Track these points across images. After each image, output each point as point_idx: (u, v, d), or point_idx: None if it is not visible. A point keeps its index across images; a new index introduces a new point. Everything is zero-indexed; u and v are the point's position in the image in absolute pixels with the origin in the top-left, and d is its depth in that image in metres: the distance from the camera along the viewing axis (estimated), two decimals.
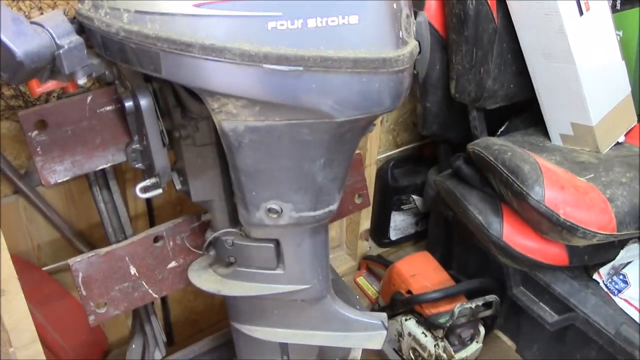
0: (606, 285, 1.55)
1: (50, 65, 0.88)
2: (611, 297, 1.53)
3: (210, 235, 1.14)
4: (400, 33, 0.86)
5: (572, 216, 1.36)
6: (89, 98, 1.08)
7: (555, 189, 1.38)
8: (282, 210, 1.01)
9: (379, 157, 1.96)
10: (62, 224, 1.42)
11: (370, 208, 1.95)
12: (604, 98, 1.54)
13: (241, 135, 0.91)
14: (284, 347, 1.24)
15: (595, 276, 1.58)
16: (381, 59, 0.84)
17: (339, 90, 0.85)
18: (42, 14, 1.16)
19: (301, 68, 0.81)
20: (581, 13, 1.44)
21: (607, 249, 1.55)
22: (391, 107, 0.90)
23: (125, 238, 1.21)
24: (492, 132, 1.74)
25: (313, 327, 1.20)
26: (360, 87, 0.85)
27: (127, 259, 1.18)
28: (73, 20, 0.91)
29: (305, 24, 0.80)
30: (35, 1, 1.16)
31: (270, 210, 1.01)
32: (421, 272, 1.75)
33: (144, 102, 1.00)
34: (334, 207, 1.04)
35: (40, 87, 1.09)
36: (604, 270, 1.57)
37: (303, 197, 1.00)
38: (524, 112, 1.77)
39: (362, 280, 2.06)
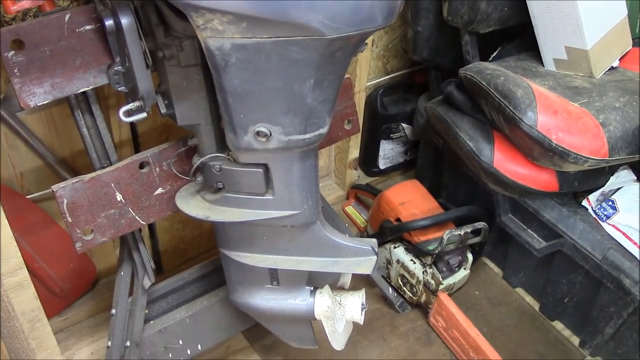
0: (595, 212, 1.56)
1: None
2: (599, 223, 1.54)
3: (197, 161, 1.12)
4: None
5: (564, 141, 1.34)
6: (67, 17, 1.03)
7: (548, 113, 1.35)
8: (271, 134, 0.98)
9: (368, 84, 1.92)
10: (45, 151, 1.39)
11: (359, 136, 1.93)
12: (600, 21, 1.50)
13: (227, 54, 0.88)
14: (273, 273, 1.24)
15: (584, 202, 1.58)
16: None
17: (329, 4, 0.81)
18: None
19: None
20: None
21: (597, 176, 1.54)
22: (384, 23, 0.86)
23: (110, 164, 1.18)
24: (484, 58, 1.70)
25: (303, 253, 1.19)
26: (352, 2, 0.82)
27: (112, 185, 1.15)
28: None
29: None
30: None
31: (258, 133, 0.98)
32: (410, 200, 1.75)
33: (125, 20, 0.96)
34: (324, 130, 1.02)
35: (15, 5, 1.05)
36: (593, 196, 1.57)
37: (292, 119, 0.97)
38: (516, 37, 1.73)
39: (350, 209, 2.06)
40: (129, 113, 1.05)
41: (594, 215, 1.55)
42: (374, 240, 1.22)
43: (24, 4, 1.05)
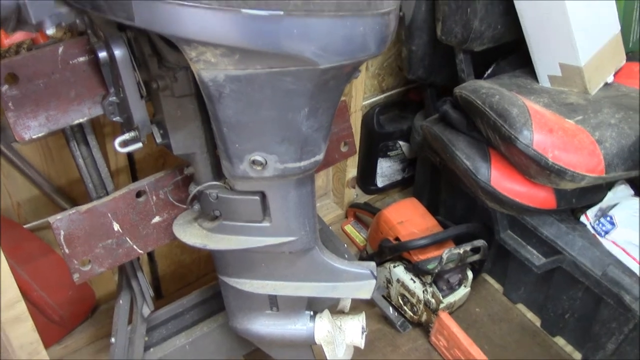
0: (593, 227, 1.55)
1: (15, 14, 0.83)
2: (598, 239, 1.53)
3: (193, 189, 1.12)
4: None
5: (560, 159, 1.34)
6: (60, 49, 1.03)
7: (544, 132, 1.35)
8: (266, 162, 0.98)
9: (364, 103, 1.92)
10: (41, 181, 1.38)
11: (356, 155, 1.93)
12: (593, 37, 1.51)
13: (221, 85, 0.88)
14: (272, 299, 1.23)
15: (583, 218, 1.58)
16: (365, 1, 0.80)
17: (322, 35, 0.81)
18: None
19: (281, 12, 0.77)
20: None
21: (595, 191, 1.54)
22: (377, 52, 0.87)
23: (107, 194, 1.18)
24: (479, 75, 1.70)
25: (302, 278, 1.19)
26: (344, 31, 0.82)
27: (109, 215, 1.15)
28: None
29: None
30: None
31: (254, 162, 0.98)
32: (409, 218, 1.75)
33: (119, 52, 0.96)
34: (319, 157, 1.02)
35: (8, 38, 1.04)
36: (591, 212, 1.57)
37: (288, 148, 0.97)
38: (511, 54, 1.73)
39: (349, 228, 2.05)
40: (124, 144, 1.05)
41: (592, 231, 1.55)
42: (373, 264, 1.21)
43: (17, 37, 1.04)
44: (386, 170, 2.10)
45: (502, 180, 1.49)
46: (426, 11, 1.59)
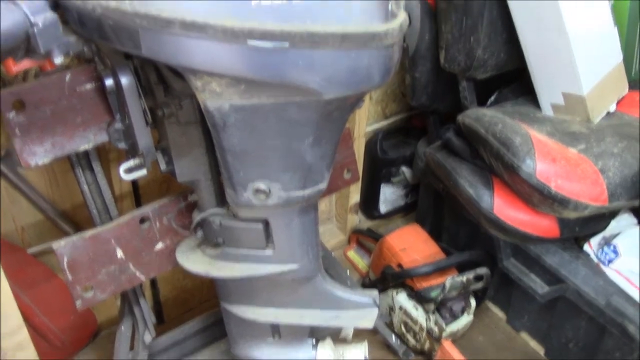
0: (597, 256, 1.55)
1: (24, 43, 0.84)
2: (602, 268, 1.53)
3: (197, 216, 1.12)
4: (390, 5, 0.83)
5: (563, 188, 1.34)
6: (68, 76, 1.04)
7: (547, 161, 1.36)
8: (270, 190, 0.98)
9: (367, 129, 1.93)
10: (46, 205, 1.39)
11: (359, 181, 1.93)
12: (596, 66, 1.52)
13: (226, 114, 0.88)
14: (274, 327, 1.23)
15: (586, 247, 1.58)
16: (370, 34, 0.80)
17: (326, 66, 0.82)
18: None
19: (287, 44, 0.78)
20: None
21: (598, 220, 1.54)
22: (381, 82, 0.87)
23: (111, 219, 1.18)
24: (482, 102, 1.71)
25: (304, 306, 1.19)
26: (349, 62, 0.82)
27: (113, 241, 1.15)
28: None
29: None
30: None
31: (258, 190, 0.98)
32: (411, 245, 1.74)
33: (125, 80, 0.97)
34: (323, 185, 1.02)
35: (16, 66, 1.06)
36: (595, 240, 1.57)
37: (291, 176, 0.97)
38: (514, 81, 1.74)
39: (352, 254, 2.05)
40: (129, 170, 1.06)
41: (596, 260, 1.54)
42: (375, 293, 1.21)
43: (25, 64, 1.05)
44: (389, 196, 2.10)
45: (505, 208, 1.49)
46: (430, 40, 1.60)
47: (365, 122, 1.86)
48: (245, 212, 1.07)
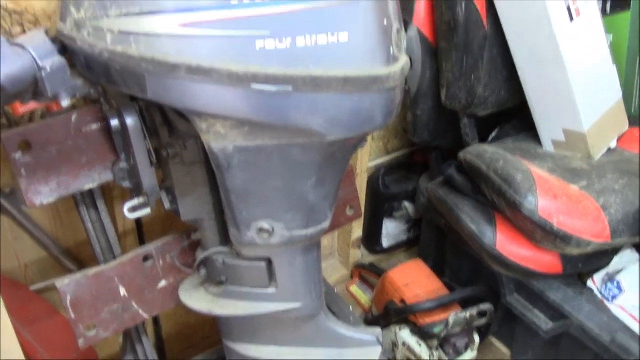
0: (601, 292, 1.54)
1: (32, 87, 0.86)
2: (606, 304, 1.52)
3: (201, 255, 1.12)
4: (391, 49, 0.84)
5: (566, 225, 1.35)
6: (74, 117, 1.06)
7: (549, 197, 1.36)
8: (273, 230, 0.99)
9: (369, 165, 1.94)
10: (49, 243, 1.39)
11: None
12: (596, 103, 1.53)
13: (230, 155, 0.90)
14: None
15: (590, 283, 1.57)
16: (372, 77, 0.82)
17: (329, 109, 0.83)
18: (24, 30, 1.13)
19: (290, 88, 0.80)
20: (572, 19, 1.43)
21: (601, 257, 1.54)
22: (383, 124, 0.89)
23: (114, 258, 1.19)
24: (483, 138, 1.72)
25: (307, 344, 1.18)
26: (351, 105, 0.84)
27: (116, 279, 1.15)
28: (55, 39, 0.88)
29: (294, 42, 0.78)
30: (16, 17, 1.13)
31: (261, 229, 0.99)
32: (414, 280, 1.74)
33: (131, 120, 0.98)
34: (326, 224, 1.03)
35: (23, 107, 1.07)
36: (598, 276, 1.56)
37: (294, 216, 0.98)
38: (514, 117, 1.76)
39: (355, 288, 2.04)
40: (133, 209, 1.07)
41: (600, 296, 1.54)
42: (378, 330, 1.21)
43: (32, 105, 1.07)
44: (392, 230, 2.10)
45: (507, 244, 1.49)
46: (431, 77, 1.62)
47: (368, 158, 1.87)
48: (248, 250, 1.07)
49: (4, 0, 1.10)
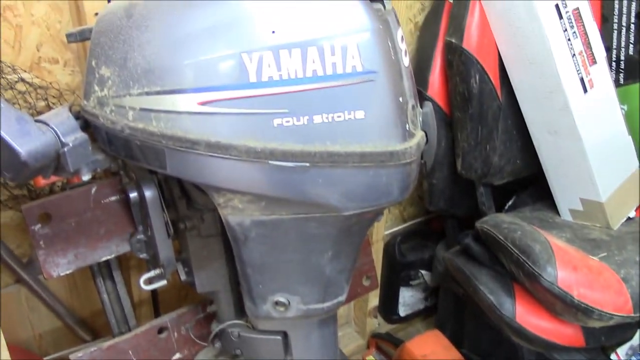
0: None
1: (54, 162, 0.88)
2: None
3: (216, 327, 1.11)
4: (407, 125, 0.85)
5: (586, 297, 1.32)
6: (94, 189, 1.08)
7: (568, 269, 1.34)
8: (289, 303, 0.98)
9: (385, 233, 1.93)
10: (65, 312, 1.39)
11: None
12: (613, 173, 1.53)
13: (247, 229, 0.90)
14: None
15: (613, 356, 1.53)
16: (388, 153, 0.83)
17: (346, 184, 0.84)
18: (48, 104, 1.16)
19: (308, 164, 0.81)
20: (585, 91, 1.45)
21: (625, 329, 1.50)
22: (400, 198, 0.89)
23: (129, 329, 1.18)
24: (499, 206, 1.72)
25: None
26: (368, 180, 0.84)
27: (130, 352, 1.14)
28: (78, 115, 0.91)
29: (312, 120, 0.80)
30: (41, 91, 1.16)
31: (277, 303, 0.99)
32: (432, 352, 1.70)
33: (149, 193, 0.99)
34: (342, 297, 1.02)
35: (44, 180, 1.09)
36: (622, 350, 1.52)
37: (311, 289, 0.97)
38: (531, 185, 1.75)
39: (371, 359, 2.00)
40: (149, 281, 1.07)
41: None
42: None
43: (53, 178, 1.09)
44: (408, 299, 2.07)
45: (527, 315, 1.46)
46: (445, 146, 1.63)
47: (384, 226, 1.87)
48: (264, 323, 1.06)
49: (27, 74, 1.14)
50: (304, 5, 0.79)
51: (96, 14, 1.06)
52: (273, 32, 0.78)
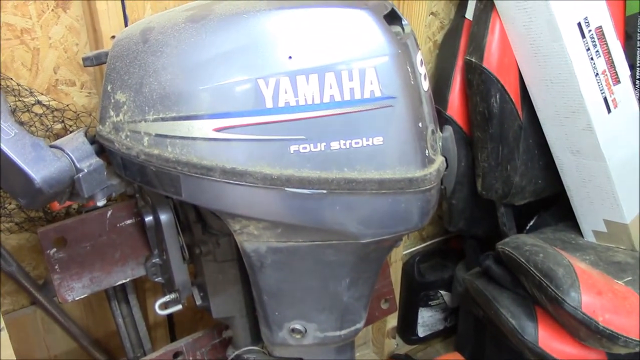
0: None
1: (69, 188, 0.87)
2: None
3: (231, 354, 1.10)
4: (427, 151, 0.83)
5: (612, 323, 1.28)
6: (109, 213, 1.07)
7: (592, 294, 1.31)
8: (306, 330, 0.97)
9: (404, 252, 1.90)
10: (80, 334, 1.37)
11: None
12: (637, 195, 1.49)
13: (263, 255, 0.88)
14: None
15: None
16: (407, 179, 0.81)
17: (364, 211, 0.82)
18: (65, 127, 1.16)
19: (325, 191, 0.79)
20: (609, 110, 1.42)
21: None
22: (419, 225, 0.87)
23: (144, 353, 1.17)
24: (520, 226, 1.68)
25: None
26: (386, 207, 0.82)
27: None
28: (94, 139, 0.90)
29: (329, 146, 0.78)
30: (57, 114, 1.16)
31: (294, 330, 0.97)
32: None
33: (165, 217, 0.99)
34: (360, 324, 1.00)
35: (59, 205, 1.09)
36: None
37: (328, 317, 0.95)
38: (553, 204, 1.72)
39: None
40: (164, 306, 1.06)
41: None
42: None
43: (68, 202, 1.09)
44: (427, 319, 2.04)
45: (550, 340, 1.43)
46: (466, 166, 1.61)
47: (403, 246, 1.84)
48: (280, 350, 1.04)
49: (44, 96, 1.13)
50: (321, 30, 0.78)
51: (113, 37, 1.06)
52: (290, 57, 0.77)
